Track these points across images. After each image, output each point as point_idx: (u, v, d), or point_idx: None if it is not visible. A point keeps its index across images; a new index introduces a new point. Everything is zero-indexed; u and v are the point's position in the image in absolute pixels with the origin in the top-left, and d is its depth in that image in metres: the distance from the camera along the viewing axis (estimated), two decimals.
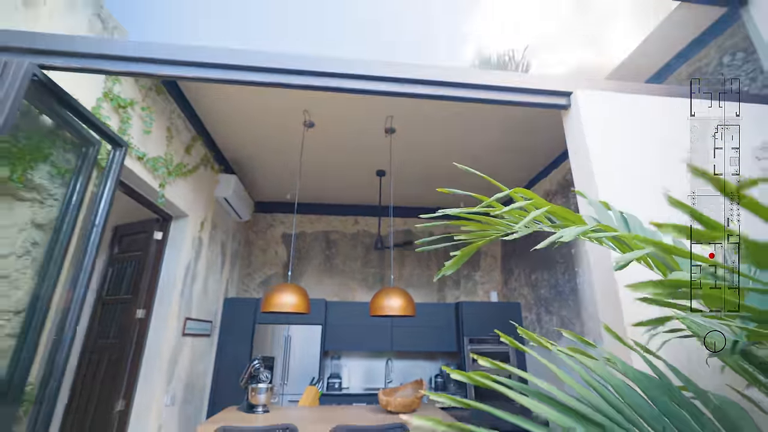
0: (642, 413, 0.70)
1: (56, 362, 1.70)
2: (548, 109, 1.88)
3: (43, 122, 1.76)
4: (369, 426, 2.24)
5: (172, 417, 3.42)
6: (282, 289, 2.80)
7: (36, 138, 1.73)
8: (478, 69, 1.77)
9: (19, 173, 1.67)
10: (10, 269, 1.69)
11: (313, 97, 3.27)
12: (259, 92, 3.21)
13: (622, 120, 1.69)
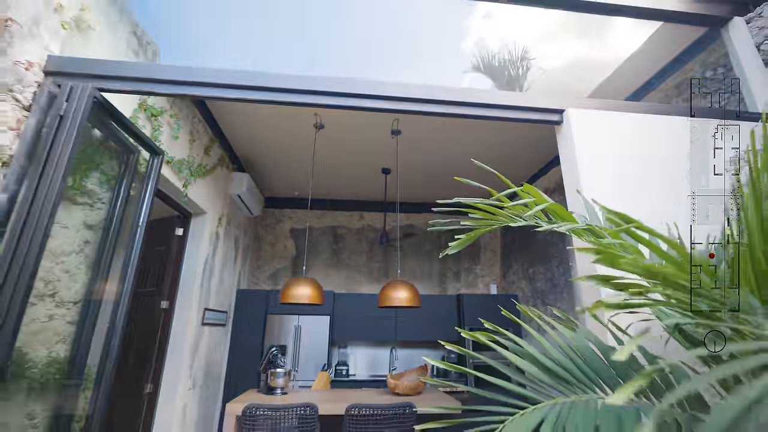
0: (602, 375, 0.94)
1: (111, 346, 1.95)
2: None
3: (95, 135, 1.98)
4: (380, 404, 2.51)
5: (193, 399, 3.69)
6: (299, 282, 3.05)
7: (90, 149, 1.96)
8: (481, 90, 1.97)
9: (78, 181, 1.90)
10: (71, 265, 1.93)
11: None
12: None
13: (606, 134, 1.92)
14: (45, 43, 1.72)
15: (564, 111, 1.98)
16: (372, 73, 2.00)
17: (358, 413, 2.49)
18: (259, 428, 2.35)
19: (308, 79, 1.88)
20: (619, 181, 1.80)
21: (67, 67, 1.72)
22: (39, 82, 1.68)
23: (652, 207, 1.65)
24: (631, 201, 1.73)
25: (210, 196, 3.85)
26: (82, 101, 1.66)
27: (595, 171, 1.84)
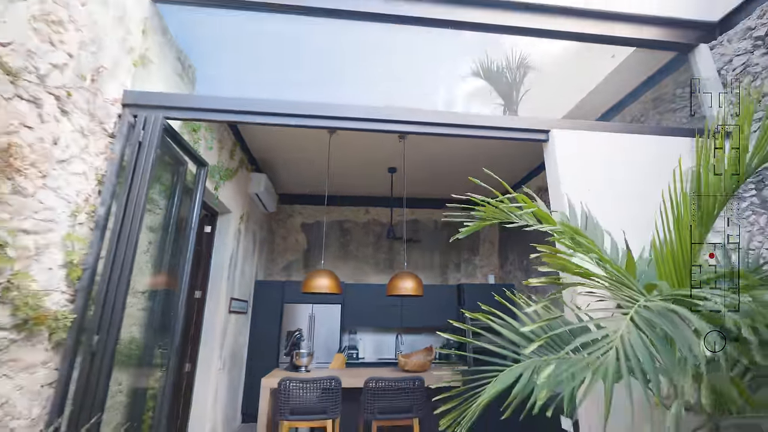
0: (564, 341, 1.35)
1: (175, 330, 2.36)
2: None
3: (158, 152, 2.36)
4: (394, 377, 2.94)
5: (222, 379, 4.14)
6: (319, 274, 3.46)
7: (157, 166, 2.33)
8: (480, 115, 2.35)
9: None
10: (141, 262, 2.32)
11: None
12: None
13: (583, 150, 2.31)
14: (122, 80, 2.09)
15: (549, 131, 2.36)
16: (380, 96, 2.38)
17: (375, 385, 2.92)
18: (293, 398, 2.77)
19: (329, 107, 2.27)
20: (593, 188, 2.19)
21: (141, 100, 2.09)
22: (119, 114, 2.06)
23: (618, 212, 2.04)
24: (601, 206, 2.12)
25: (234, 196, 4.24)
26: (155, 129, 2.04)
27: (574, 181, 2.23)
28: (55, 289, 1.68)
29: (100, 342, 1.77)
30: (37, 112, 1.55)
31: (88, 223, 1.87)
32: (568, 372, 1.27)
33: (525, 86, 5.04)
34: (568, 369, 1.26)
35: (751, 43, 2.47)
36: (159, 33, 2.44)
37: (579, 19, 2.73)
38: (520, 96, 5.05)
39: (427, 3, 2.62)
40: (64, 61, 1.66)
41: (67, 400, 1.70)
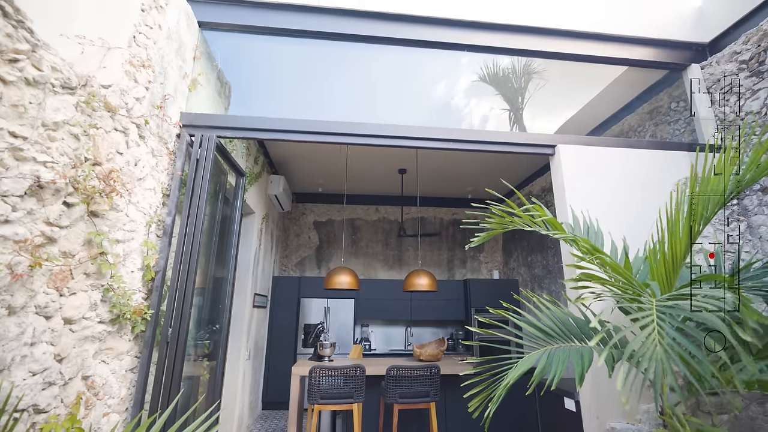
0: (572, 332, 1.66)
1: (224, 321, 2.66)
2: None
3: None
4: (413, 365, 3.26)
5: (248, 367, 4.45)
6: (341, 271, 3.76)
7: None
8: (495, 132, 2.62)
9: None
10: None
11: None
12: None
13: (587, 163, 2.60)
14: (180, 104, 2.36)
15: (555, 146, 2.65)
16: (404, 113, 2.65)
17: (396, 373, 3.23)
18: (323, 384, 3.08)
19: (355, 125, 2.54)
20: (595, 197, 2.49)
21: (196, 121, 2.37)
22: (178, 134, 2.33)
23: (617, 218, 2.34)
24: (602, 213, 2.41)
25: (257, 198, 4.52)
26: (210, 148, 2.32)
27: (578, 191, 2.52)
28: (136, 288, 1.97)
29: (173, 333, 2.06)
30: (125, 139, 1.83)
31: (156, 231, 2.16)
32: (577, 355, 1.57)
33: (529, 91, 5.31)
34: (574, 354, 1.57)
35: (737, 66, 2.75)
36: (205, 57, 2.71)
37: (578, 40, 3.01)
38: (525, 101, 5.32)
39: (445, 27, 2.89)
40: (143, 95, 1.94)
41: (147, 384, 2.00)
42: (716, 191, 1.63)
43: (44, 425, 1.39)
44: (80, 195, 1.53)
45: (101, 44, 1.69)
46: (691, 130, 3.04)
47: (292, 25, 2.70)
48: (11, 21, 1.21)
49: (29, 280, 1.32)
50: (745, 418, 2.12)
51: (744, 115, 2.68)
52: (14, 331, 1.27)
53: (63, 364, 1.50)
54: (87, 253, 1.60)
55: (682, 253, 1.66)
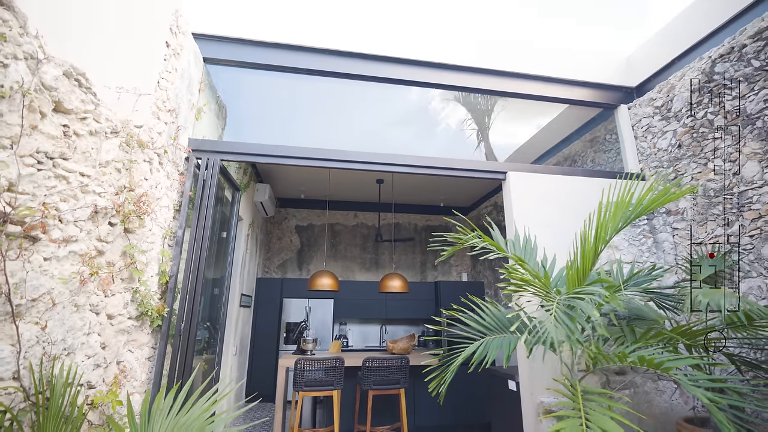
0: (505, 325, 2.18)
1: (222, 319, 3.06)
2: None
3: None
4: (386, 357, 3.74)
5: (235, 362, 4.82)
6: (323, 274, 4.19)
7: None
8: (454, 159, 3.14)
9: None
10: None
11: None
12: None
13: (532, 188, 3.15)
14: (188, 132, 2.75)
15: (506, 173, 3.19)
16: (377, 141, 3.12)
17: (371, 364, 3.70)
18: (307, 374, 3.52)
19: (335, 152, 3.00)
20: (537, 217, 3.04)
21: (202, 146, 2.76)
22: (186, 157, 2.72)
23: (553, 236, 2.89)
24: (544, 232, 2.96)
25: (245, 205, 4.89)
26: (215, 170, 2.72)
27: (523, 211, 3.07)
28: (155, 290, 2.36)
29: (185, 327, 2.46)
30: (150, 167, 2.22)
31: (170, 241, 2.54)
32: (507, 342, 2.10)
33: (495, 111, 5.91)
34: (505, 342, 2.09)
35: (653, 110, 3.38)
36: (208, 88, 3.10)
37: (528, 81, 3.57)
38: (491, 121, 5.92)
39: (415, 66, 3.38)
40: (163, 129, 2.33)
41: (163, 370, 2.39)
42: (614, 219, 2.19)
43: (94, 398, 1.78)
44: (120, 216, 1.93)
45: (134, 91, 2.07)
46: (620, 159, 3.66)
47: (285, 63, 3.13)
48: (83, 89, 1.61)
49: (88, 285, 1.71)
50: (641, 393, 2.72)
51: (657, 150, 3.31)
52: (78, 324, 1.66)
53: (106, 351, 1.89)
54: (123, 262, 1.99)
55: (589, 265, 2.21)
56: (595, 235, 2.15)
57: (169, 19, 2.37)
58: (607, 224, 2.14)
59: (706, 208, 2.83)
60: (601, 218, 2.15)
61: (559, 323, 1.71)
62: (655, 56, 3.47)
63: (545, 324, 1.72)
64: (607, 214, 2.16)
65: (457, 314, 2.28)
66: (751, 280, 2.50)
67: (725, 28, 2.83)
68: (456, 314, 2.34)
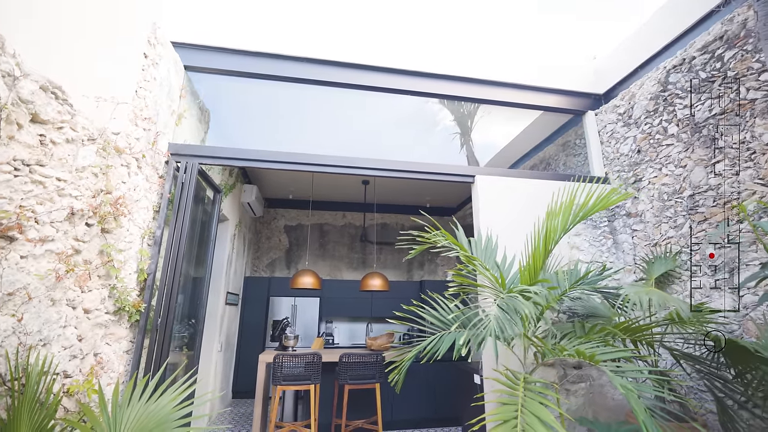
0: (461, 321, 2.32)
1: (200, 316, 3.20)
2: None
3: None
4: (362, 353, 3.88)
5: (220, 358, 4.95)
6: (305, 273, 4.33)
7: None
8: (428, 163, 3.28)
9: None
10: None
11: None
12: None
13: (498, 190, 3.30)
14: (168, 137, 2.88)
15: (474, 176, 3.34)
16: (357, 146, 3.26)
17: (348, 359, 3.84)
18: (285, 369, 3.65)
19: (314, 156, 3.14)
20: (503, 218, 3.18)
21: (182, 150, 2.90)
22: (166, 161, 2.85)
23: (515, 236, 3.03)
24: (510, 233, 3.10)
25: (231, 206, 5.02)
26: (193, 173, 2.86)
27: (489, 213, 3.22)
28: (133, 287, 2.49)
29: (161, 323, 2.60)
30: (128, 171, 2.35)
31: (148, 241, 2.68)
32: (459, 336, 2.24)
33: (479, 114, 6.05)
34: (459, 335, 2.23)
35: (616, 117, 3.54)
36: (190, 94, 3.23)
37: (502, 88, 3.71)
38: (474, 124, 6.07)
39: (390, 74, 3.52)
40: (142, 135, 2.46)
41: (140, 362, 2.52)
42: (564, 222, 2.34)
43: (70, 386, 1.92)
44: (97, 217, 2.06)
45: (112, 100, 2.21)
46: (588, 162, 3.82)
47: (265, 71, 3.26)
48: (59, 100, 1.74)
49: (64, 282, 1.85)
50: (597, 385, 2.88)
51: (619, 155, 3.47)
52: (54, 317, 1.80)
53: (82, 343, 2.02)
54: (100, 260, 2.13)
55: (540, 265, 2.36)
56: (544, 236, 2.30)
57: (147, 31, 2.51)
58: (555, 227, 2.29)
59: (661, 211, 2.99)
60: (548, 222, 2.30)
61: (501, 319, 1.85)
62: (620, 65, 3.62)
63: (485, 321, 1.87)
64: (556, 218, 2.31)
65: (415, 309, 2.43)
66: (697, 279, 2.65)
67: (679, 41, 2.98)
68: (417, 310, 2.48)
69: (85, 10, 2.04)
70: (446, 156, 5.90)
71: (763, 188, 2.25)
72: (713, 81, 2.60)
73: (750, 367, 1.90)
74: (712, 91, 2.61)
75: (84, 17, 2.04)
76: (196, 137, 3.50)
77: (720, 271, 2.47)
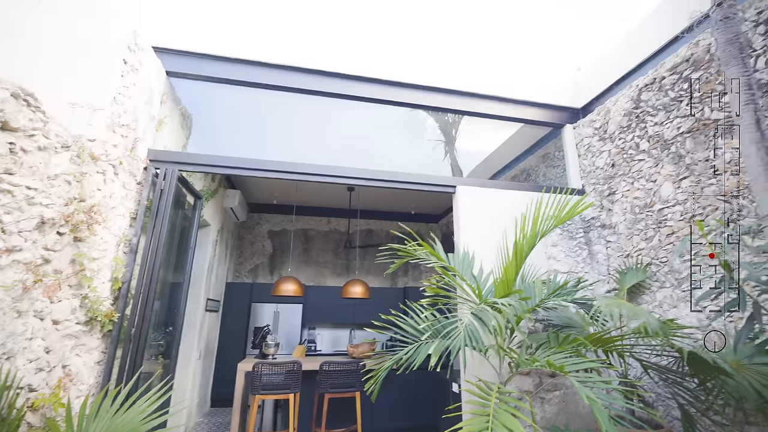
0: (438, 330, 2.35)
1: (177, 324, 3.15)
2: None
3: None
4: (343, 361, 3.87)
5: (198, 366, 4.86)
6: (287, 280, 4.31)
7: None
8: (411, 173, 3.33)
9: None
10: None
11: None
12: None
13: (477, 200, 3.36)
14: (147, 143, 2.85)
15: (456, 186, 3.39)
16: (340, 155, 3.28)
17: (328, 368, 3.83)
18: (264, 378, 3.62)
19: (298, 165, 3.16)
20: (483, 228, 3.24)
21: (161, 157, 2.86)
22: (145, 167, 2.82)
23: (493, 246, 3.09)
24: (487, 243, 3.15)
25: (213, 212, 4.96)
26: (173, 180, 2.83)
27: (469, 223, 3.27)
28: (106, 296, 2.44)
29: (135, 333, 2.55)
30: (104, 179, 2.32)
31: (124, 248, 2.64)
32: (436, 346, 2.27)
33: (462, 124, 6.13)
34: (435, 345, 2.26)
35: (593, 131, 3.65)
36: (171, 99, 3.20)
37: (484, 101, 3.79)
38: (458, 133, 6.14)
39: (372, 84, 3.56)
40: (119, 142, 2.43)
41: (112, 374, 2.47)
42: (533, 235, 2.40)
43: (35, 400, 1.87)
44: (69, 226, 2.02)
45: (89, 107, 2.18)
46: (566, 174, 3.92)
47: (247, 78, 3.26)
48: (32, 108, 1.72)
49: (32, 292, 1.80)
50: (570, 394, 2.94)
51: (595, 168, 3.57)
52: (20, 329, 1.76)
53: (50, 355, 1.97)
54: (72, 269, 2.09)
55: (513, 277, 2.41)
56: (513, 249, 2.35)
57: (127, 37, 2.49)
58: (523, 242, 2.35)
59: (633, 224, 3.09)
60: (518, 235, 2.36)
61: (471, 330, 1.89)
62: (597, 81, 3.74)
63: (455, 332, 1.91)
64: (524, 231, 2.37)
65: (393, 318, 2.45)
66: (665, 290, 2.75)
67: (651, 60, 3.11)
68: (395, 320, 2.50)
69: (63, 17, 2.02)
70: (433, 163, 5.98)
71: (725, 204, 2.35)
72: (681, 101, 2.71)
73: (710, 376, 1.97)
74: (680, 110, 2.72)
75: (61, 24, 2.02)
76: (177, 143, 3.47)
77: (685, 283, 2.57)
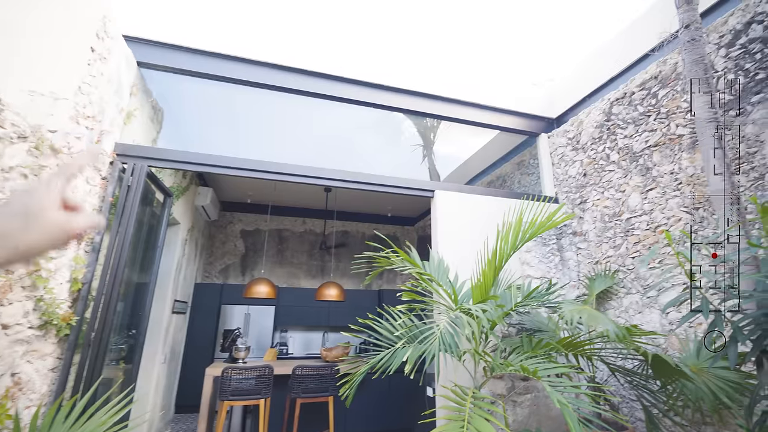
0: (415, 335, 2.35)
1: (141, 327, 2.99)
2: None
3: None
4: (316, 365, 3.80)
5: (163, 371, 4.65)
6: (259, 282, 4.19)
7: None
8: (391, 177, 3.32)
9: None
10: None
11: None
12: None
13: (458, 207, 3.39)
14: (115, 136, 2.70)
15: (434, 191, 3.41)
16: (318, 156, 3.23)
17: (301, 372, 3.75)
18: (234, 383, 3.50)
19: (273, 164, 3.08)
20: (460, 233, 3.27)
21: (129, 151, 2.72)
22: (111, 161, 2.66)
23: (471, 252, 3.12)
24: (465, 246, 3.19)
25: (184, 210, 4.77)
26: (141, 176, 2.69)
27: (446, 228, 3.29)
28: (63, 298, 2.29)
29: (96, 337, 2.40)
30: None
31: (86, 247, 2.48)
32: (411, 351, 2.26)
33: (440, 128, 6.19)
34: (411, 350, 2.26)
35: (566, 141, 3.77)
36: (142, 91, 3.05)
37: (462, 106, 3.84)
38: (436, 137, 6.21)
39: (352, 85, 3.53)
40: (83, 134, 2.29)
41: (68, 382, 2.31)
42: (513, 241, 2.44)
43: None
44: None
45: (51, 96, 2.04)
46: (540, 182, 4.02)
47: (221, 72, 3.15)
48: None
49: None
50: (542, 397, 3.00)
51: (568, 177, 3.69)
52: None
53: None
54: (25, 269, 1.94)
55: (490, 282, 2.44)
56: (492, 256, 2.39)
57: (96, 24, 2.35)
58: (504, 248, 2.39)
59: (602, 232, 3.21)
60: (498, 242, 2.39)
61: (446, 336, 1.89)
62: (571, 92, 3.87)
63: (430, 338, 1.91)
64: (506, 238, 2.41)
65: (370, 322, 2.43)
66: (631, 296, 2.87)
67: (622, 75, 3.24)
68: (372, 324, 2.48)
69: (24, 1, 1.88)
70: (410, 165, 6.00)
71: (687, 215, 2.48)
72: (649, 115, 2.85)
73: (672, 379, 2.07)
74: (648, 124, 2.85)
75: (21, 7, 1.87)
76: (147, 137, 3.31)
77: (650, 290, 2.69)
